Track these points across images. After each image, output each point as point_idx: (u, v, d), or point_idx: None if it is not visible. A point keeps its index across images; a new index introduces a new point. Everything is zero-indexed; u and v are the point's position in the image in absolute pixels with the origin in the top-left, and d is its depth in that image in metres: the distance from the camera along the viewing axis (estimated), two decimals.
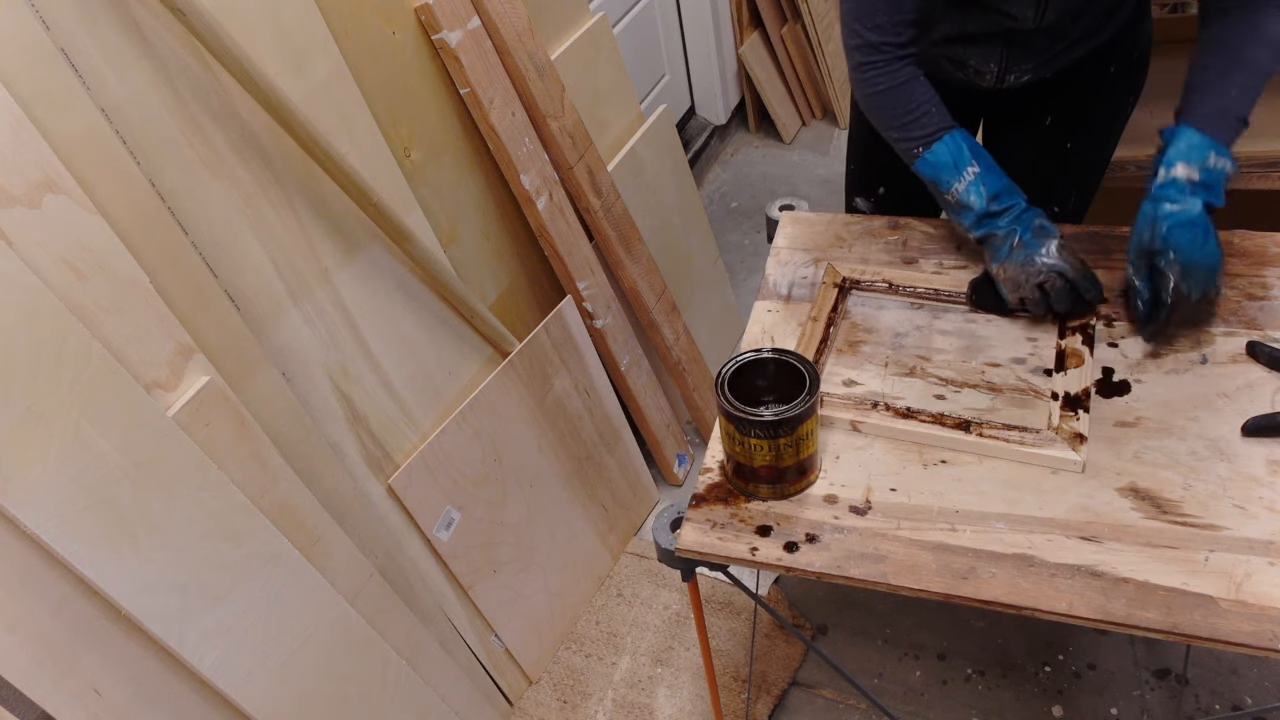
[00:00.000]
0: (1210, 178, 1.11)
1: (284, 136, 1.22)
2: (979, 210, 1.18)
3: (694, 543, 1.06)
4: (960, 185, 1.18)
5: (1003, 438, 1.08)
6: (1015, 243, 1.18)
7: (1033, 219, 1.19)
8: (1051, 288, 1.17)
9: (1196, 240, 1.11)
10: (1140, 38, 1.37)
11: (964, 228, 1.22)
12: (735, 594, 1.88)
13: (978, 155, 1.19)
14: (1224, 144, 1.12)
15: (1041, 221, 1.19)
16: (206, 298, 1.16)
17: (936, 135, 1.19)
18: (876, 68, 1.20)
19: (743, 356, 1.08)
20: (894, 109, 1.21)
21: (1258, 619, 0.89)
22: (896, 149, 1.25)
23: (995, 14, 1.24)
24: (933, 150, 1.19)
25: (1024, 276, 1.17)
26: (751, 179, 3.09)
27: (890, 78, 1.20)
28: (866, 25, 1.18)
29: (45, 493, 0.97)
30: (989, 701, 1.67)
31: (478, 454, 1.59)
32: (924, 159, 1.20)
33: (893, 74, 1.19)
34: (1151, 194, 1.14)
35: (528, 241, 1.75)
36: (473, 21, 1.50)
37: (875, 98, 1.22)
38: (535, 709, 1.77)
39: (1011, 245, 1.18)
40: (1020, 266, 1.17)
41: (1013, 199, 1.19)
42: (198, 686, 1.18)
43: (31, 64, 0.98)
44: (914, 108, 1.20)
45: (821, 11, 3.00)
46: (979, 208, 1.18)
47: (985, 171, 1.18)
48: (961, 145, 1.19)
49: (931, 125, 1.20)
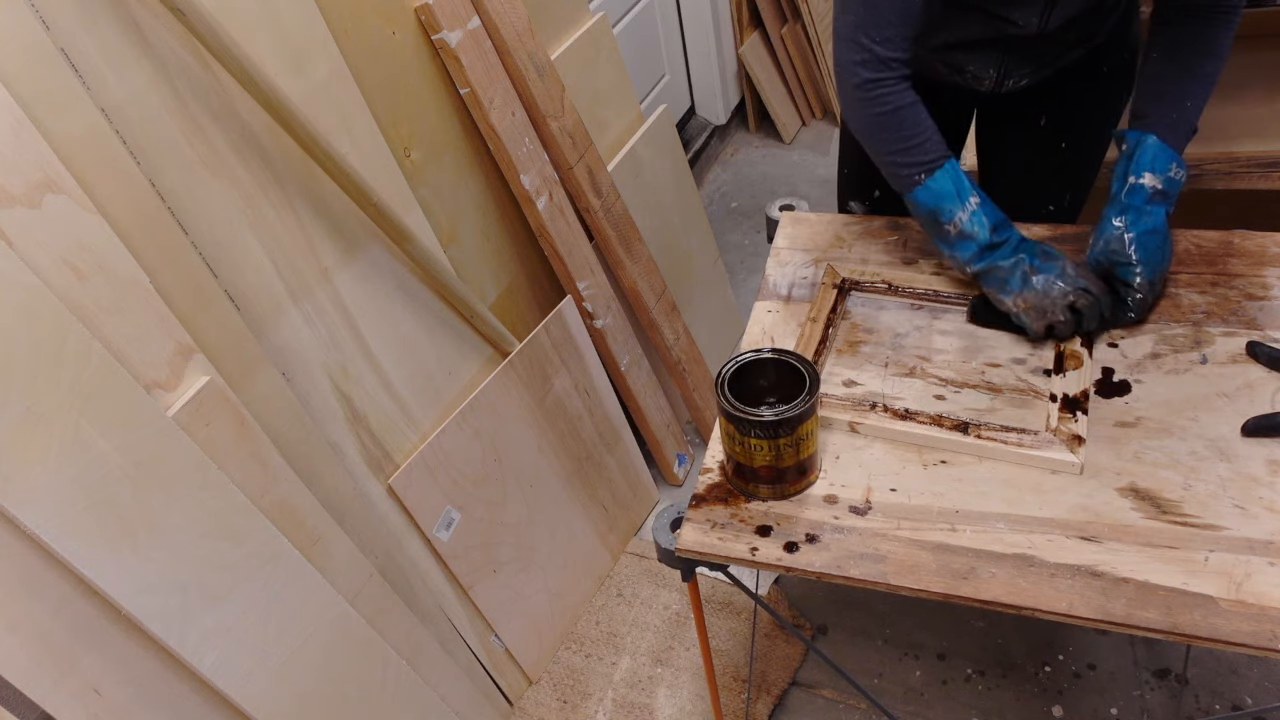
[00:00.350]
0: (1170, 187, 1.17)
1: (284, 136, 1.22)
2: (983, 241, 1.15)
3: (694, 543, 1.06)
4: (963, 215, 1.15)
5: (1001, 439, 1.08)
6: (1027, 269, 1.15)
7: (1035, 246, 1.17)
8: (1083, 305, 1.14)
9: (1160, 248, 1.17)
10: (1129, 38, 1.38)
11: (961, 261, 1.18)
12: (735, 594, 1.88)
13: (975, 186, 1.17)
14: (1180, 154, 1.17)
15: (1045, 247, 1.17)
16: (206, 298, 1.16)
17: (938, 163, 1.16)
18: (885, 85, 1.15)
19: (743, 356, 1.08)
20: (898, 132, 1.17)
21: (1258, 619, 0.89)
22: (890, 173, 1.20)
23: (999, 21, 1.24)
24: (935, 178, 1.16)
25: (1049, 301, 1.14)
26: (751, 179, 3.09)
27: (899, 97, 1.15)
28: (876, 39, 1.13)
29: (45, 493, 0.97)
30: (989, 701, 1.68)
31: (478, 454, 1.59)
32: (925, 186, 1.16)
33: (900, 94, 1.15)
34: (1120, 202, 1.18)
35: (528, 241, 1.75)
36: (473, 21, 1.50)
37: (880, 119, 1.17)
38: (535, 709, 1.77)
39: (1023, 273, 1.15)
40: (1043, 293, 1.14)
41: (1009, 231, 1.17)
42: (198, 686, 1.18)
43: (31, 64, 0.98)
44: (918, 132, 1.16)
45: (821, 11, 3.00)
46: (983, 239, 1.15)
47: (984, 202, 1.16)
48: (961, 174, 1.16)
49: (934, 152, 1.16)
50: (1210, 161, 1.85)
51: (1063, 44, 1.30)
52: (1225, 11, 1.15)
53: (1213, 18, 1.16)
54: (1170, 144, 1.16)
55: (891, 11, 1.12)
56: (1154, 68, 1.20)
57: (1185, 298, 1.23)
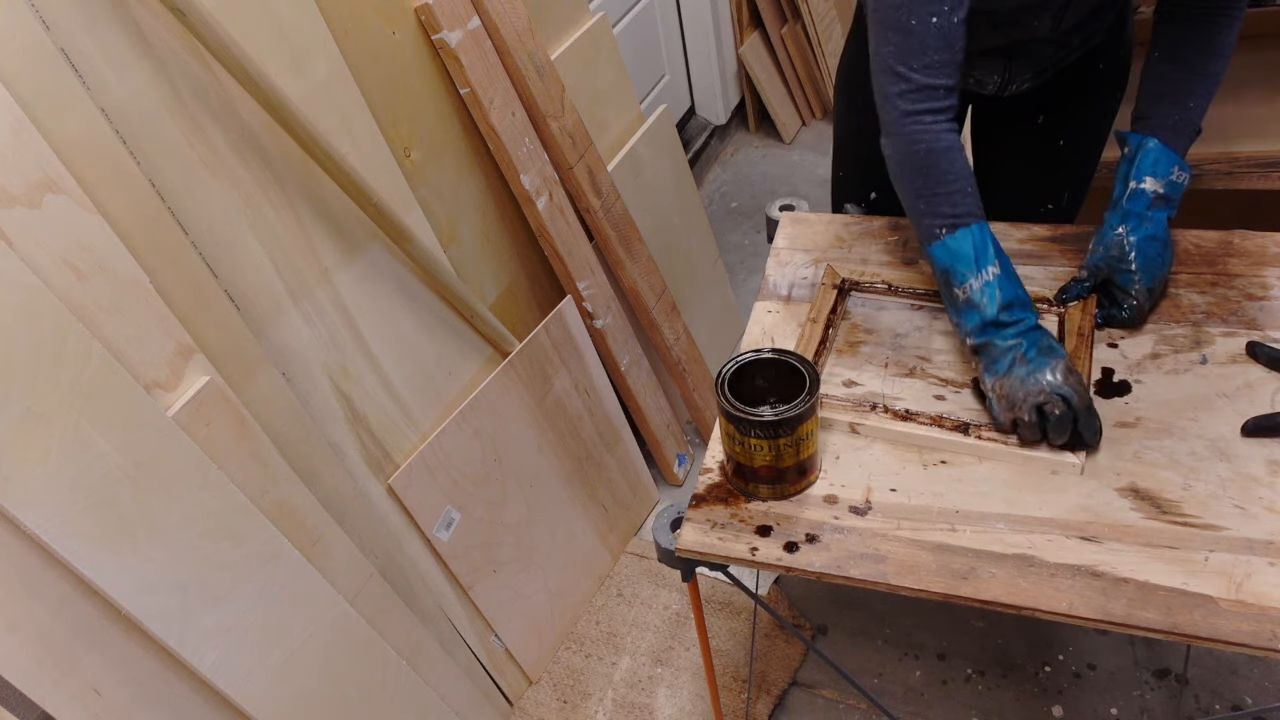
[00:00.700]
0: (1173, 191, 1.16)
1: (284, 136, 1.22)
2: (988, 316, 1.07)
3: (694, 543, 1.06)
4: (975, 283, 1.08)
5: (1001, 439, 1.08)
6: (1018, 357, 1.06)
7: (1040, 337, 1.07)
8: (1051, 411, 1.03)
9: (1160, 255, 1.16)
10: (1125, 37, 1.38)
11: (963, 330, 1.11)
12: (735, 594, 1.88)
13: (1000, 255, 1.09)
14: (1183, 155, 1.16)
15: (1050, 342, 1.07)
16: (206, 298, 1.16)
17: (964, 220, 1.09)
18: (923, 121, 1.08)
19: (743, 356, 1.08)
20: (931, 175, 1.10)
21: (1258, 619, 0.89)
22: (913, 220, 1.14)
23: (1011, 27, 1.22)
24: (956, 236, 1.09)
25: (1022, 395, 1.04)
26: (751, 179, 3.09)
27: (935, 138, 1.08)
28: (916, 67, 1.06)
29: (45, 493, 0.97)
30: (989, 701, 1.67)
31: (478, 454, 1.59)
32: (943, 243, 1.10)
33: (938, 134, 1.08)
34: (1122, 207, 1.17)
35: (528, 241, 1.75)
36: (473, 21, 1.50)
37: (917, 157, 1.10)
38: (535, 709, 1.77)
39: (1013, 360, 1.06)
40: (1020, 383, 1.04)
41: (1024, 313, 1.08)
42: (198, 686, 1.18)
43: (31, 64, 0.98)
44: (951, 180, 1.09)
45: (821, 11, 3.01)
46: (989, 314, 1.07)
47: (1004, 275, 1.08)
48: (987, 240, 1.09)
49: (963, 206, 1.09)
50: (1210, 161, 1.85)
51: (1067, 46, 1.30)
52: (1229, 10, 1.14)
53: (1216, 17, 1.15)
54: (1172, 146, 1.15)
55: (931, 37, 1.05)
56: (1157, 68, 1.19)
57: (1185, 298, 1.23)
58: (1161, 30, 1.19)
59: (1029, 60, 1.31)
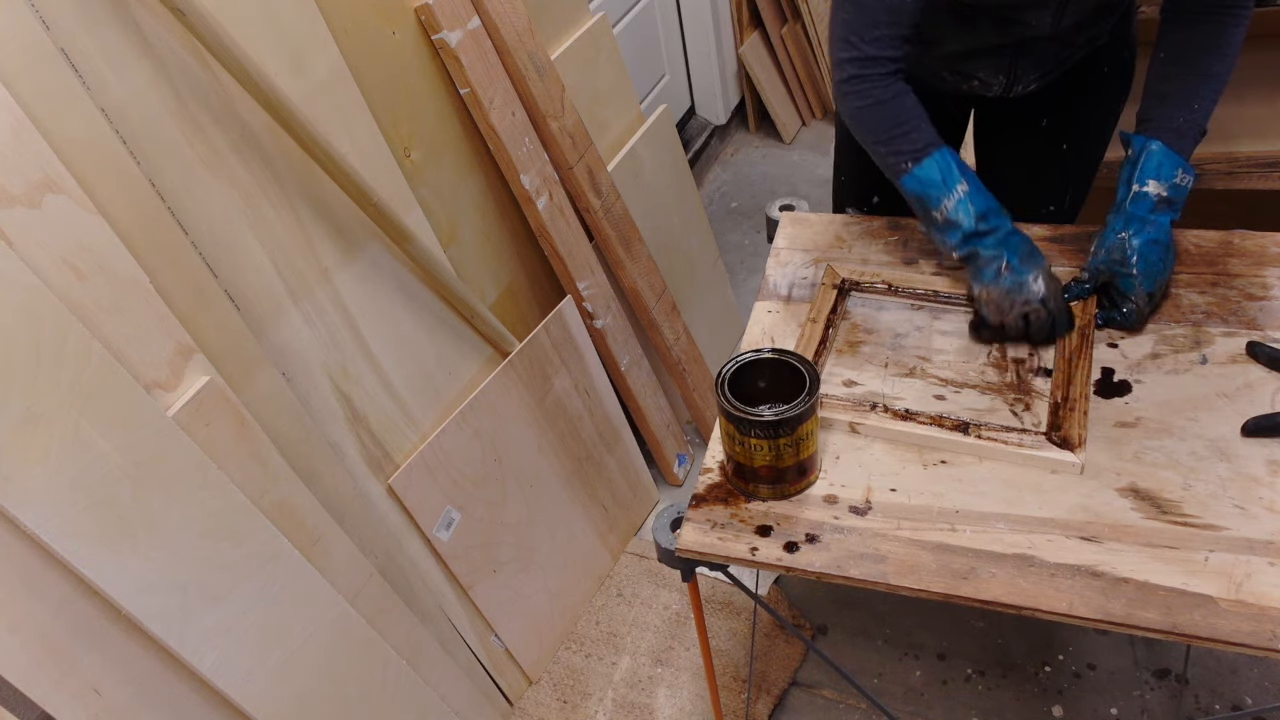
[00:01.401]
0: (1176, 194, 1.16)
1: (284, 136, 1.22)
2: (966, 229, 1.16)
3: (694, 543, 1.06)
4: (949, 202, 1.16)
5: (1001, 439, 1.08)
6: (1003, 266, 1.15)
7: (1020, 243, 1.17)
8: (1035, 318, 1.15)
9: (1161, 259, 1.17)
10: (1128, 38, 1.38)
11: (947, 246, 1.20)
12: (735, 594, 1.88)
13: (965, 173, 1.17)
14: (1188, 157, 1.16)
15: (1029, 247, 1.17)
16: (206, 298, 1.16)
17: (926, 151, 1.17)
18: (869, 81, 1.17)
19: (743, 356, 1.08)
20: (883, 123, 1.19)
21: (1258, 619, 0.89)
22: (880, 163, 1.23)
23: (1011, 25, 1.23)
24: (921, 166, 1.17)
25: (1008, 303, 1.16)
26: (751, 179, 3.09)
27: (882, 91, 1.17)
28: (865, 39, 1.15)
29: (45, 493, 0.97)
30: (989, 701, 1.68)
31: (478, 454, 1.59)
32: (911, 174, 1.18)
33: (885, 88, 1.17)
34: (1125, 211, 1.17)
35: (528, 241, 1.75)
36: (473, 21, 1.50)
37: (865, 111, 1.19)
38: (535, 709, 1.77)
39: (999, 269, 1.16)
40: (1006, 292, 1.15)
41: (999, 220, 1.17)
42: (198, 686, 1.18)
43: (31, 64, 0.98)
44: (903, 122, 1.18)
45: (821, 12, 3.00)
46: (966, 226, 1.16)
47: (974, 190, 1.17)
48: (950, 162, 1.17)
49: (920, 140, 1.17)
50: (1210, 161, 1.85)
51: (1071, 46, 1.30)
52: (1235, 10, 1.14)
53: (1222, 17, 1.14)
54: (1176, 149, 1.15)
55: (880, 12, 1.13)
56: (1162, 69, 1.19)
57: (1185, 298, 1.23)
58: (1167, 31, 1.19)
59: (1033, 60, 1.31)
